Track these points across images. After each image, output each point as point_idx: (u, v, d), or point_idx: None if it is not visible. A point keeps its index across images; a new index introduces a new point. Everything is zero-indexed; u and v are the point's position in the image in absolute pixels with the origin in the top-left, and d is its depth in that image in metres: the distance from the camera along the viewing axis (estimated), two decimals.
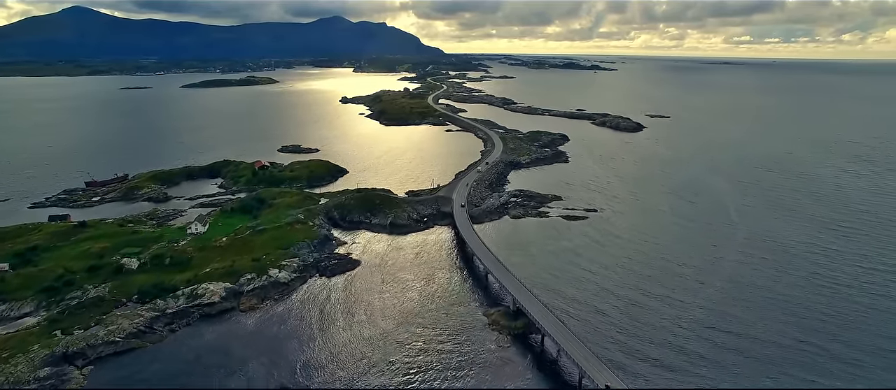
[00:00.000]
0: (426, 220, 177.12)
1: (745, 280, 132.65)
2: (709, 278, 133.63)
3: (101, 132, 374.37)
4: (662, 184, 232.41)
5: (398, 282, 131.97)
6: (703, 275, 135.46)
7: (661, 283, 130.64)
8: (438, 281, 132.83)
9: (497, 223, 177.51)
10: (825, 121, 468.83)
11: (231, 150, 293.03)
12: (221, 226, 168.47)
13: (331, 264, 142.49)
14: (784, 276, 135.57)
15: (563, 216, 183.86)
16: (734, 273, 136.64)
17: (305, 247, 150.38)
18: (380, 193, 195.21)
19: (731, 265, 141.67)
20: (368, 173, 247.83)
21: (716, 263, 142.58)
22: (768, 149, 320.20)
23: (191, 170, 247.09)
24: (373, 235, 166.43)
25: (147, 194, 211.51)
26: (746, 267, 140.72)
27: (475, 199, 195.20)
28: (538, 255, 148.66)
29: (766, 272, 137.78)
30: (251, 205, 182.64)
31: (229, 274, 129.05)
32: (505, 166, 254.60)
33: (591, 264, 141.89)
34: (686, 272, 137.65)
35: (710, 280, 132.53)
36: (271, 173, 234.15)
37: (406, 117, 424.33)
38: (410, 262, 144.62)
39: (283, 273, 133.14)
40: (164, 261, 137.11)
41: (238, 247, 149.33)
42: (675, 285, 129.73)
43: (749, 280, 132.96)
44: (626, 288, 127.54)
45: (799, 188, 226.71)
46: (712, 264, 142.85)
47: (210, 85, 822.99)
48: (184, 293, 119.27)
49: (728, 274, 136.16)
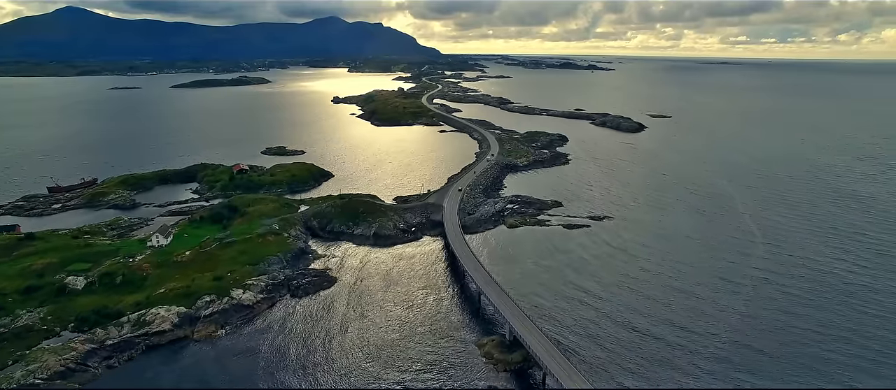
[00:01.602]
0: (414, 230, 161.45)
1: (771, 305, 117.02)
2: (729, 301, 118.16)
3: (76, 134, 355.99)
4: (669, 188, 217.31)
5: (378, 304, 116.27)
6: (722, 297, 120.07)
7: (675, 308, 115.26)
8: (424, 302, 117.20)
9: (492, 233, 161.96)
10: (830, 121, 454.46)
11: (212, 153, 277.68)
12: (187, 238, 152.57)
13: (304, 282, 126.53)
14: (814, 297, 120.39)
15: (564, 224, 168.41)
16: (757, 296, 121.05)
17: (277, 262, 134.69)
18: (364, 200, 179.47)
19: (752, 286, 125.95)
20: (355, 177, 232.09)
21: (736, 285, 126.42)
22: (776, 149, 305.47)
23: (165, 175, 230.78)
24: (354, 247, 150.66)
25: (113, 201, 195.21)
26: (771, 288, 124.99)
27: (468, 206, 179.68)
28: (537, 272, 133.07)
29: (792, 293, 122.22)
30: (222, 214, 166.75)
31: (186, 295, 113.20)
32: (501, 169, 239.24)
33: (598, 284, 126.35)
34: (703, 294, 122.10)
35: (730, 303, 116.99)
36: (250, 177, 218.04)
37: (398, 117, 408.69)
38: (394, 279, 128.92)
39: (248, 293, 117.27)
40: (115, 279, 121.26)
41: (201, 262, 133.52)
42: (692, 310, 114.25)
43: (775, 304, 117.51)
44: (636, 314, 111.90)
45: (817, 193, 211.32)
46: (732, 285, 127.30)
47: (200, 85, 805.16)
48: (130, 319, 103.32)
49: (750, 297, 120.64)
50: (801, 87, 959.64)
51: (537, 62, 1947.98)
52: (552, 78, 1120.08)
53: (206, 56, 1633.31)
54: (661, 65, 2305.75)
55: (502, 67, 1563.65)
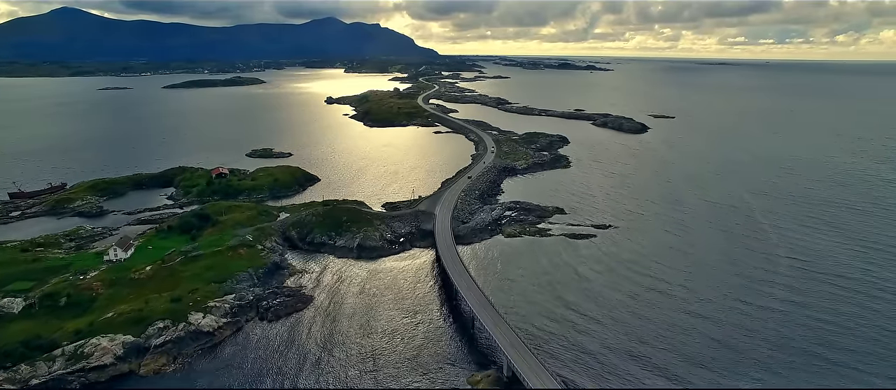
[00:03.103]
0: (402, 241, 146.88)
1: (804, 336, 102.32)
2: (755, 326, 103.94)
3: (50, 136, 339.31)
4: (678, 194, 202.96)
5: (357, 330, 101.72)
6: (747, 322, 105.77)
7: (695, 339, 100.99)
8: (410, 328, 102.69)
9: (488, 244, 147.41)
10: (839, 123, 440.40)
11: (195, 155, 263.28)
12: (151, 250, 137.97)
13: (275, 303, 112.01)
14: (853, 325, 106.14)
15: (566, 234, 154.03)
16: (786, 322, 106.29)
17: (247, 280, 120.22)
18: (350, 207, 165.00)
19: (779, 310, 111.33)
20: (342, 182, 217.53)
21: (760, 311, 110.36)
22: (788, 151, 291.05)
23: (140, 179, 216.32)
24: (335, 261, 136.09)
25: (79, 208, 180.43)
26: (802, 314, 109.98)
27: (463, 214, 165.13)
28: (538, 292, 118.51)
29: (826, 320, 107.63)
30: (191, 223, 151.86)
31: (136, 321, 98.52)
32: (498, 173, 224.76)
33: (607, 308, 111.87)
34: (726, 318, 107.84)
35: (757, 328, 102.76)
36: (229, 182, 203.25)
37: (392, 118, 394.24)
38: (377, 299, 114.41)
39: (209, 318, 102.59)
40: (58, 301, 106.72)
41: (161, 279, 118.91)
42: (714, 343, 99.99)
43: (810, 335, 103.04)
44: (652, 347, 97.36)
45: (837, 199, 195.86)
46: (755, 309, 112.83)
47: (193, 85, 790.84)
48: (64, 352, 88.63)
49: (779, 323, 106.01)
50: (804, 88, 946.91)
51: (535, 63, 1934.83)
52: (551, 78, 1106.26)
53: (202, 57, 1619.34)
54: (660, 65, 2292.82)
55: (500, 68, 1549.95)
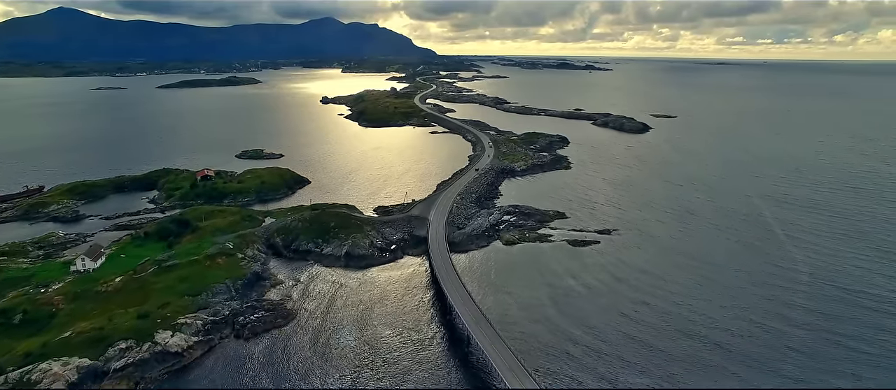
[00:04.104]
0: (394, 249, 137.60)
1: (830, 354, 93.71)
2: (777, 342, 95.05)
3: (36, 137, 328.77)
4: (684, 195, 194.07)
5: (340, 351, 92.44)
6: (768, 337, 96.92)
7: (707, 357, 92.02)
8: (398, 347, 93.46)
9: (485, 252, 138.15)
10: (844, 123, 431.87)
11: (182, 157, 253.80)
12: (125, 259, 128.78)
13: (253, 318, 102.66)
14: (888, 352, 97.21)
15: (569, 240, 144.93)
16: (815, 342, 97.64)
17: (224, 292, 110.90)
18: (339, 212, 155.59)
19: (804, 326, 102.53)
20: (333, 184, 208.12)
21: (780, 333, 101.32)
22: (796, 152, 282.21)
23: (122, 181, 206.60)
24: (322, 270, 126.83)
25: (54, 212, 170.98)
26: (826, 340, 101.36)
27: (458, 219, 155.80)
28: (539, 306, 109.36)
29: (856, 349, 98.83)
30: (169, 230, 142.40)
31: (95, 341, 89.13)
32: (496, 174, 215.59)
33: (614, 318, 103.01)
34: (738, 345, 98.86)
35: (779, 349, 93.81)
36: (214, 185, 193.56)
37: (388, 118, 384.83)
38: (364, 315, 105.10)
39: (178, 337, 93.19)
40: (13, 317, 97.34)
41: (131, 292, 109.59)
42: (735, 358, 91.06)
43: (835, 352, 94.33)
44: (665, 371, 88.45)
45: (862, 207, 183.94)
46: (777, 328, 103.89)
47: (187, 85, 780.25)
48: (8, 380, 79.19)
49: (803, 344, 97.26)
50: (805, 87, 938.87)
51: (534, 63, 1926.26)
52: (550, 78, 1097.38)
53: (199, 57, 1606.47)
54: (659, 65, 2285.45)
55: (499, 68, 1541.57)
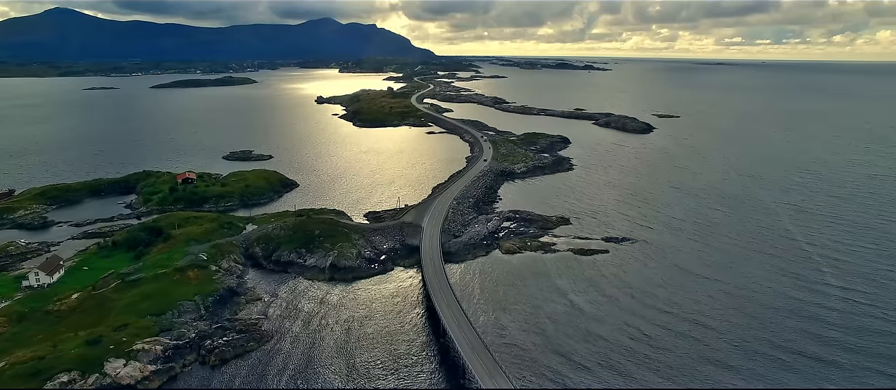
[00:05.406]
0: (383, 259, 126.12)
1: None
2: (813, 373, 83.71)
3: (16, 138, 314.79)
4: (695, 200, 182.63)
5: (318, 382, 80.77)
6: (802, 364, 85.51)
7: None
8: (383, 375, 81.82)
9: (483, 262, 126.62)
10: (851, 123, 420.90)
11: (165, 158, 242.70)
12: (87, 273, 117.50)
13: (222, 342, 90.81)
14: None
15: (574, 249, 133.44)
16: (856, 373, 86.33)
17: (192, 311, 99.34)
18: (326, 218, 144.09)
19: (843, 349, 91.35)
20: (323, 188, 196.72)
21: (815, 362, 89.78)
22: (809, 153, 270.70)
23: (99, 184, 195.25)
24: (304, 284, 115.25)
25: (20, 218, 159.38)
26: (870, 373, 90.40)
27: (454, 227, 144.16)
28: (545, 327, 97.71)
29: None
30: (139, 238, 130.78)
31: (33, 373, 77.55)
32: (495, 177, 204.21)
33: (626, 340, 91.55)
34: (781, 360, 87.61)
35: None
36: (195, 188, 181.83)
37: (383, 118, 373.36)
38: (347, 337, 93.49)
39: (133, 365, 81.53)
40: None
41: (87, 311, 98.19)
42: None
43: None
44: None
45: (880, 209, 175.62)
46: (810, 357, 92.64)
47: (182, 85, 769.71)
48: None
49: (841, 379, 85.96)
50: (805, 87, 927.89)
51: (533, 63, 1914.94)
52: (549, 78, 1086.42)
53: (196, 57, 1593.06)
54: (658, 65, 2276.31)
55: (497, 68, 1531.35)
